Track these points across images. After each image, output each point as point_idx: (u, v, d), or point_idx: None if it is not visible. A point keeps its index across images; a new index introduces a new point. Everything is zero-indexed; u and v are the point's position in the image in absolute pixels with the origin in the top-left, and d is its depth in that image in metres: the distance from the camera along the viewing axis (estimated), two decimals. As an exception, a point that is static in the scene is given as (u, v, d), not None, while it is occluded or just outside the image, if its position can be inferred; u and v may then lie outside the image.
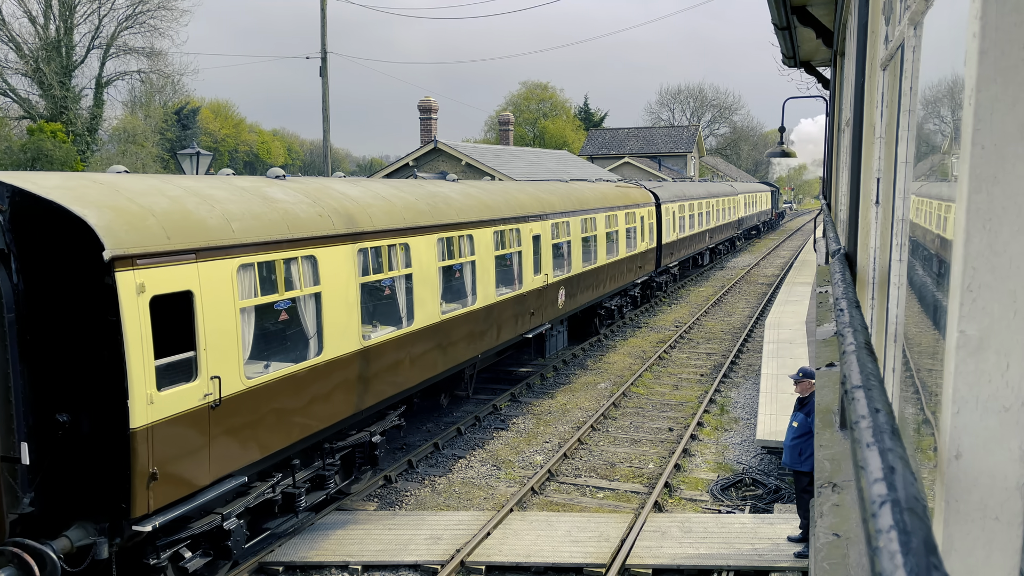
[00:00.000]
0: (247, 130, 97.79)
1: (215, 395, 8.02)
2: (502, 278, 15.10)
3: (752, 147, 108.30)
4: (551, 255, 17.12)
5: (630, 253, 23.42)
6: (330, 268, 9.79)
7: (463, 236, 13.21)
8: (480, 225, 13.82)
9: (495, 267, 14.34)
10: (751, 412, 15.49)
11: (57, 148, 37.86)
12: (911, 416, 2.56)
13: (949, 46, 1.96)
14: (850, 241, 4.79)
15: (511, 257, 15.42)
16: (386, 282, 11.36)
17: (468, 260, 13.51)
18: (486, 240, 14.01)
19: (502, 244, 14.83)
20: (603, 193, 21.58)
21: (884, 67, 3.61)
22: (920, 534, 1.03)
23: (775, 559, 9.31)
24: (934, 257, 2.19)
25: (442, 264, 12.49)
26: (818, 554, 2.65)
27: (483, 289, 13.88)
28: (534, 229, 16.20)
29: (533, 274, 16.11)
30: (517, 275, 15.58)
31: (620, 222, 22.35)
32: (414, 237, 11.65)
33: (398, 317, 11.69)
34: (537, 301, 16.45)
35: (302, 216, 9.50)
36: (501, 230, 14.70)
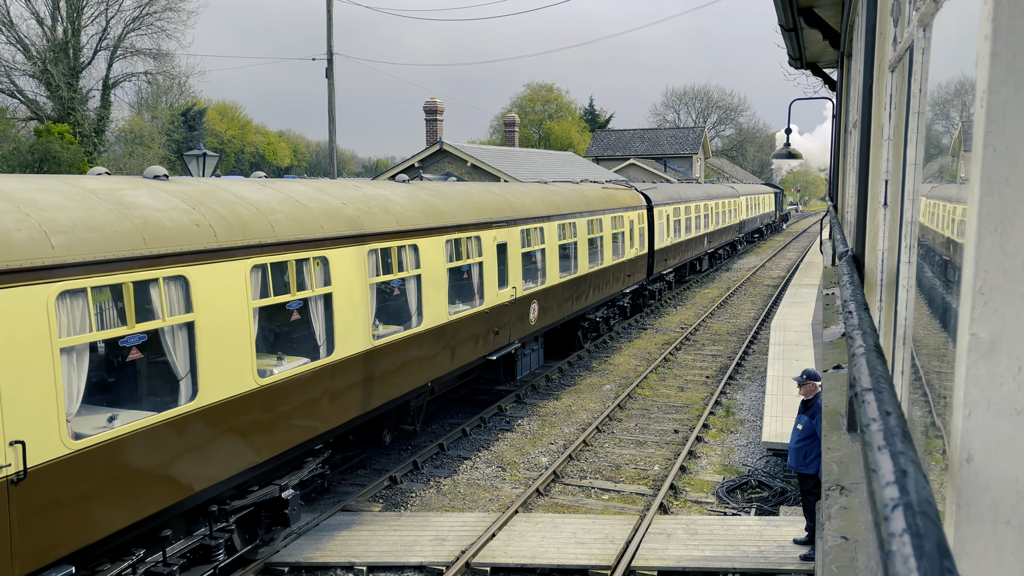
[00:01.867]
0: (253, 131, 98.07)
1: (16, 466, 6.15)
2: (458, 293, 13.58)
3: (758, 148, 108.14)
4: (520, 265, 15.34)
5: (617, 260, 21.66)
6: (209, 290, 7.92)
7: (406, 246, 11.41)
8: (429, 233, 11.97)
9: (449, 281, 12.59)
10: (757, 414, 15.46)
11: (64, 149, 38.01)
12: (920, 419, 2.55)
13: (959, 48, 1.96)
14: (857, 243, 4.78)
15: (469, 269, 13.66)
16: (294, 304, 9.42)
17: (412, 274, 11.63)
18: (436, 250, 12.18)
19: (457, 254, 13.04)
20: (586, 196, 19.92)
21: (892, 69, 3.60)
22: (933, 538, 1.02)
23: (781, 562, 9.28)
24: (944, 259, 2.18)
25: (376, 280, 10.76)
26: (826, 556, 2.64)
27: (433, 307, 12.08)
28: (499, 236, 14.38)
29: (498, 287, 14.33)
30: (477, 289, 13.80)
31: (606, 227, 20.62)
32: (336, 249, 9.86)
33: (312, 346, 9.89)
34: (503, 317, 14.65)
35: (169, 226, 7.63)
36: (456, 238, 12.88)
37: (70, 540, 6.67)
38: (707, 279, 36.62)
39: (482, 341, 13.96)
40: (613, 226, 21.25)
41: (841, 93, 11.65)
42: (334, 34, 29.68)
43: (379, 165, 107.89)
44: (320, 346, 9.82)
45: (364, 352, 10.49)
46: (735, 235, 44.69)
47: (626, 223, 22.49)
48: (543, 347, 17.52)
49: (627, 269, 22.74)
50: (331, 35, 29.57)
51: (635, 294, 25.23)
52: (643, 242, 24.29)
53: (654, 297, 27.50)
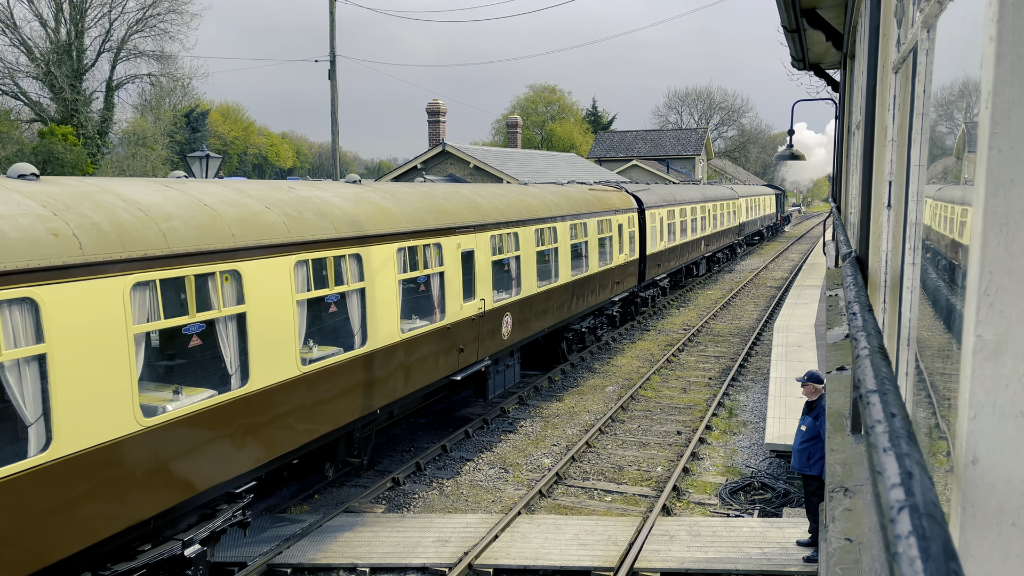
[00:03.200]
0: (256, 133, 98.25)
1: None
2: (414, 308, 12.39)
3: (761, 150, 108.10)
4: (491, 274, 13.96)
5: (604, 267, 20.31)
6: (69, 314, 6.53)
7: (346, 256, 10.05)
8: (376, 240, 10.62)
9: (402, 295, 11.29)
10: (760, 416, 15.44)
11: (68, 151, 38.11)
12: (924, 421, 2.55)
13: (963, 49, 1.96)
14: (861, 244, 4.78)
15: (427, 280, 12.31)
16: (193, 328, 8.01)
17: (354, 288, 10.26)
18: (386, 260, 10.84)
19: (412, 264, 11.65)
20: (569, 198, 18.51)
21: (896, 70, 3.60)
22: (939, 540, 1.02)
23: (784, 563, 9.27)
24: (948, 261, 2.18)
25: (306, 296, 9.42)
26: (830, 558, 2.63)
27: (381, 325, 10.76)
28: (464, 243, 12.97)
29: (462, 300, 12.96)
30: (437, 303, 12.40)
31: (591, 231, 19.27)
32: (252, 261, 8.47)
33: (220, 376, 8.60)
34: (469, 333, 13.28)
35: (12, 236, 6.22)
36: (411, 246, 11.48)
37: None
38: (710, 281, 36.59)
39: (444, 360, 12.54)
40: (600, 230, 19.98)
41: (844, 94, 11.65)
42: (337, 35, 29.71)
43: (382, 166, 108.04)
44: (232, 375, 8.41)
45: (290, 380, 9.08)
46: (734, 238, 43.45)
47: (614, 227, 21.19)
48: (520, 362, 16.05)
49: (616, 276, 21.43)
50: (334, 37, 29.61)
51: (626, 302, 24.06)
52: (633, 247, 23.07)
53: (647, 304, 26.43)
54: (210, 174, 16.51)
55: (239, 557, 9.79)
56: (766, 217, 59.37)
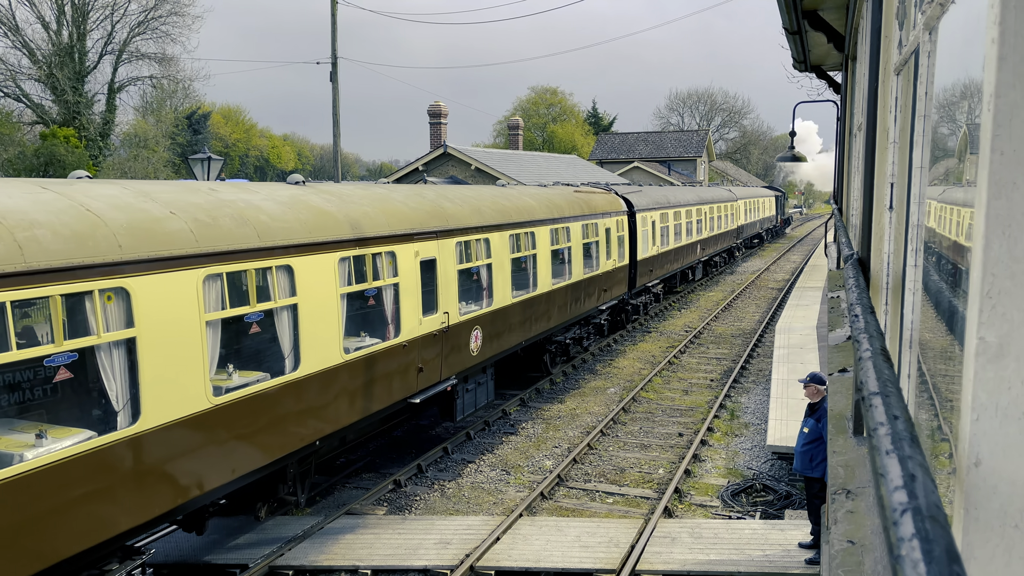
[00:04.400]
0: (258, 135, 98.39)
1: None
2: (362, 324, 11.27)
3: (762, 151, 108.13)
4: (456, 285, 12.79)
5: (590, 274, 19.06)
6: None
7: (272, 268, 8.83)
8: (312, 249, 9.41)
9: (346, 310, 10.14)
10: (761, 417, 15.43)
11: (70, 153, 38.17)
12: (926, 423, 2.55)
13: (966, 51, 1.96)
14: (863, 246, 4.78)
15: (379, 293, 11.04)
16: (59, 359, 6.68)
17: (284, 304, 9.03)
18: (324, 271, 9.63)
19: (359, 275, 10.51)
20: (549, 201, 17.29)
21: (898, 72, 3.60)
22: (942, 542, 1.02)
23: (786, 565, 9.26)
24: (950, 263, 2.18)
25: (219, 315, 8.13)
26: (832, 561, 2.63)
27: (318, 345, 9.55)
28: (424, 251, 11.78)
29: (421, 314, 11.72)
30: (391, 317, 11.17)
31: (575, 236, 18.04)
32: (144, 276, 7.24)
33: (102, 413, 7.63)
34: (430, 350, 12.07)
35: None
36: (358, 255, 10.31)
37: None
38: (711, 283, 36.58)
39: (399, 381, 11.34)
40: (585, 235, 18.75)
41: (846, 96, 11.65)
42: (338, 37, 29.75)
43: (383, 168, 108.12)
44: (118, 411, 7.17)
45: (198, 414, 7.86)
46: (732, 241, 42.16)
47: (601, 231, 19.97)
48: (494, 378, 14.85)
49: (603, 283, 20.23)
50: (335, 39, 29.66)
51: (616, 310, 22.99)
52: (623, 252, 21.87)
53: (638, 312, 25.17)
54: (212, 176, 16.53)
55: (241, 559, 9.79)
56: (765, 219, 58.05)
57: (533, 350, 17.39)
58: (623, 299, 22.68)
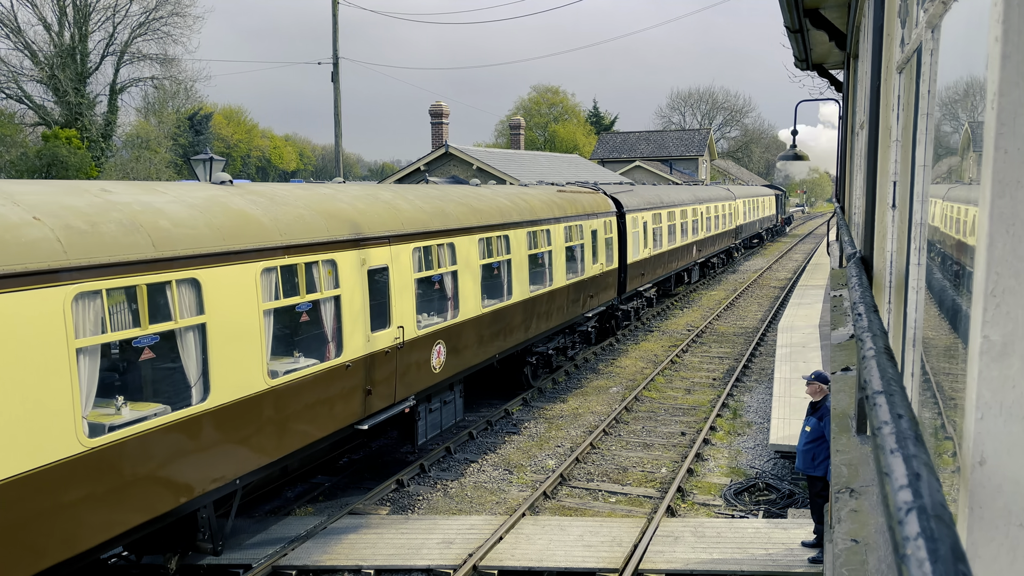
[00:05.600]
0: (259, 135, 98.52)
1: None
2: (295, 343, 10.32)
3: (764, 150, 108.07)
4: (414, 295, 11.56)
5: (573, 279, 17.81)
6: None
7: (171, 282, 7.57)
8: (226, 259, 8.18)
9: (273, 327, 9.02)
10: (764, 416, 15.42)
11: (72, 154, 38.22)
12: (930, 421, 2.55)
13: (968, 49, 1.95)
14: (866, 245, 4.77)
15: (316, 307, 9.81)
16: None
17: (188, 324, 7.78)
18: (241, 284, 8.39)
19: (290, 288, 9.30)
20: (528, 201, 16.03)
21: (900, 70, 3.60)
22: (947, 541, 1.02)
23: (789, 564, 9.26)
24: (954, 262, 2.18)
25: (94, 341, 6.95)
26: (836, 560, 2.63)
27: (233, 370, 8.29)
28: (372, 258, 10.61)
29: (369, 330, 10.52)
30: (332, 334, 9.98)
31: (556, 239, 16.83)
32: (10, 293, 6.20)
33: None
34: (381, 369, 10.85)
35: None
36: (287, 265, 9.11)
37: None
38: (713, 282, 36.55)
39: (342, 406, 10.14)
40: (568, 237, 17.57)
41: (848, 94, 11.63)
42: (339, 37, 29.77)
43: (385, 169, 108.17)
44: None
45: (67, 460, 6.63)
46: (730, 242, 40.82)
47: (586, 233, 18.72)
48: (462, 396, 13.73)
49: (589, 288, 19.01)
50: (337, 39, 29.67)
51: (605, 316, 21.87)
52: (611, 255, 20.68)
53: (629, 318, 23.73)
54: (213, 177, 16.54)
55: (244, 559, 9.80)
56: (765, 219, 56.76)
57: (512, 362, 16.32)
58: (613, 304, 21.63)
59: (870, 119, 4.72)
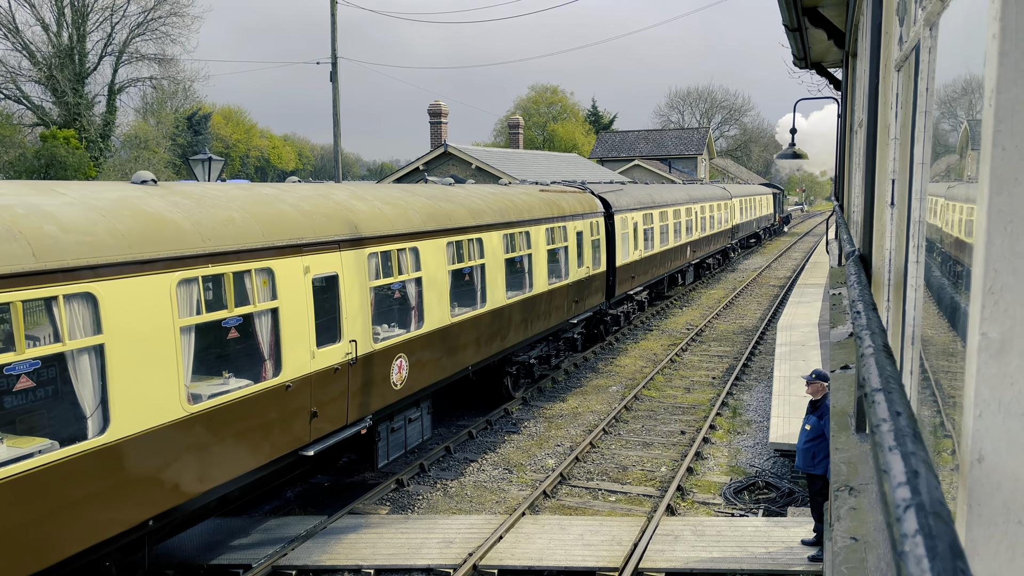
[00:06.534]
0: (258, 135, 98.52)
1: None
2: (222, 362, 9.50)
3: (763, 148, 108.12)
4: (369, 306, 10.59)
5: (556, 284, 16.87)
6: None
7: (58, 298, 6.60)
8: (131, 269, 7.16)
9: (190, 347, 7.88)
10: (763, 415, 15.43)
11: (70, 154, 38.20)
12: (929, 419, 2.55)
13: (966, 47, 1.96)
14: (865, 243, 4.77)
15: (247, 323, 8.79)
16: None
17: (82, 346, 6.80)
18: (150, 298, 7.36)
19: (215, 301, 8.47)
20: (506, 202, 15.05)
21: (899, 68, 3.60)
22: (946, 538, 1.02)
23: (789, 563, 9.26)
24: (952, 259, 2.18)
25: None
26: (836, 558, 2.63)
27: (141, 398, 7.25)
28: (317, 266, 9.61)
29: (314, 345, 9.51)
30: (268, 352, 8.91)
31: (537, 242, 15.87)
32: None
33: None
34: (330, 388, 9.84)
35: None
36: (210, 275, 8.09)
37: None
38: (712, 281, 36.56)
39: (283, 431, 9.13)
40: (550, 240, 16.63)
41: (846, 93, 11.64)
42: (338, 37, 29.76)
43: (384, 168, 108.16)
44: None
45: None
46: (726, 242, 39.70)
47: (570, 235, 17.73)
48: (430, 412, 12.77)
49: (574, 293, 17.98)
50: (335, 39, 29.65)
51: (593, 322, 21.04)
52: (599, 258, 19.79)
53: (619, 323, 22.87)
54: (213, 177, 16.55)
55: (244, 560, 9.80)
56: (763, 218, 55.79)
57: (490, 373, 15.47)
58: (601, 309, 20.73)
59: (869, 117, 4.72)
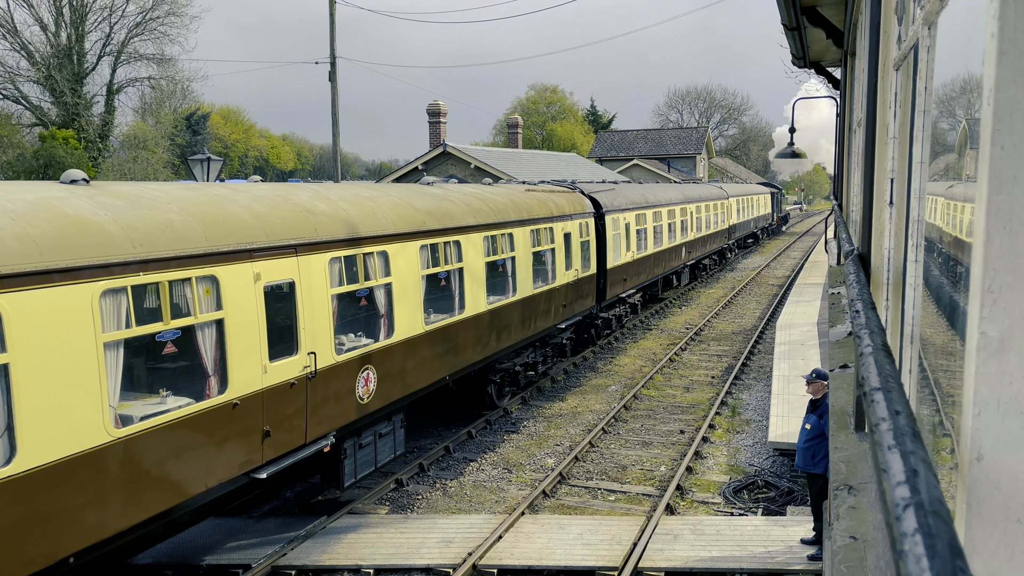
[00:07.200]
0: (257, 135, 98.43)
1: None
2: (162, 380, 8.67)
3: (761, 148, 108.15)
4: (331, 315, 9.85)
5: (542, 288, 16.12)
6: None
7: None
8: (39, 280, 6.44)
9: (117, 365, 7.13)
10: (763, 414, 15.44)
11: (69, 155, 38.17)
12: (928, 418, 2.55)
13: (965, 46, 1.96)
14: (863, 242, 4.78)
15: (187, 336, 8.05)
16: None
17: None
18: (72, 312, 6.71)
19: (148, 314, 7.74)
20: (485, 202, 14.24)
21: (897, 67, 3.60)
22: (945, 537, 1.02)
23: (788, 562, 9.27)
24: (951, 258, 2.18)
25: None
26: (835, 556, 2.64)
27: (57, 423, 6.54)
28: (269, 272, 8.84)
29: (267, 358, 8.78)
30: (213, 367, 8.18)
31: (520, 244, 15.09)
32: None
33: None
34: (285, 405, 9.08)
35: None
36: (141, 285, 7.36)
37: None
38: (712, 280, 36.57)
39: (229, 454, 8.36)
40: (535, 242, 15.85)
41: (845, 92, 11.64)
42: (337, 36, 29.74)
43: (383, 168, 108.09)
44: None
45: None
46: (723, 242, 38.92)
47: (558, 237, 16.97)
48: (403, 426, 12.00)
49: (561, 297, 17.22)
50: (334, 39, 29.64)
51: (583, 325, 20.36)
52: (588, 260, 19.01)
53: (610, 327, 22.23)
54: (211, 177, 16.54)
55: (243, 559, 9.80)
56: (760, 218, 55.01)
57: (472, 382, 14.92)
58: (591, 313, 19.96)
59: (867, 116, 4.72)
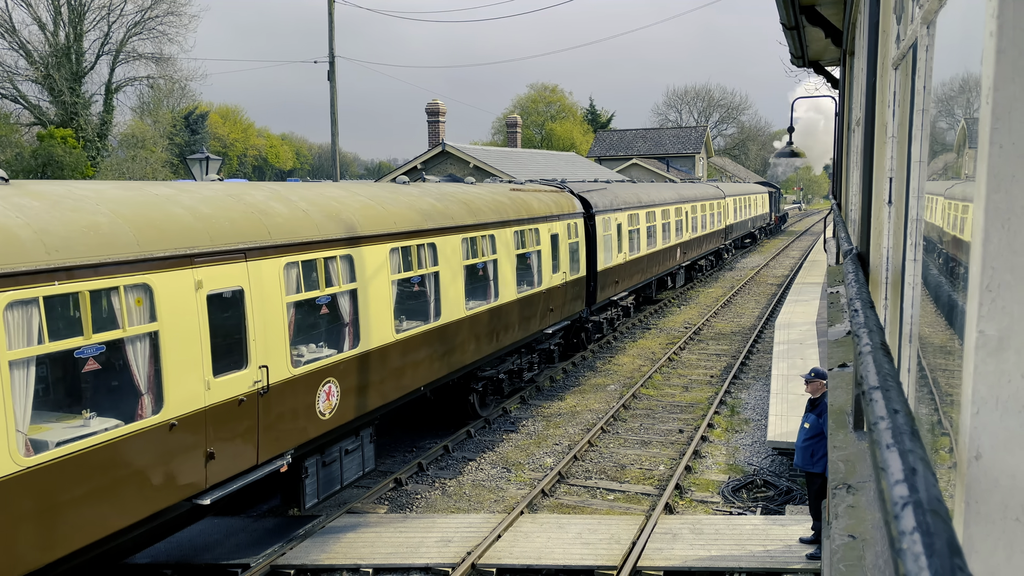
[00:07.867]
0: (256, 134, 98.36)
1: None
2: (87, 399, 8.04)
3: (760, 147, 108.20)
4: (286, 325, 9.11)
5: (527, 292, 15.50)
6: None
7: None
8: None
9: (32, 381, 6.52)
10: (762, 413, 15.44)
11: (67, 154, 38.13)
12: (926, 417, 2.55)
13: (964, 45, 1.96)
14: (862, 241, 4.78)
15: (116, 351, 7.40)
16: None
17: None
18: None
19: (68, 327, 7.18)
20: (464, 202, 13.55)
21: (896, 66, 3.60)
22: (944, 536, 1.02)
23: (787, 561, 9.27)
24: (950, 257, 2.18)
25: None
26: (833, 555, 2.64)
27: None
28: (214, 279, 8.12)
29: (210, 373, 8.05)
30: (147, 384, 7.44)
31: (503, 246, 14.46)
32: None
33: None
34: (232, 424, 8.39)
35: None
36: (60, 294, 6.66)
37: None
38: (711, 279, 36.57)
39: (167, 479, 7.64)
40: (520, 244, 15.21)
41: (844, 91, 11.64)
42: (335, 35, 29.72)
43: (382, 167, 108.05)
44: None
45: None
46: (720, 242, 38.26)
47: (544, 238, 16.26)
48: (373, 440, 11.40)
49: (548, 301, 16.57)
50: (333, 38, 29.62)
51: (572, 329, 19.72)
52: (577, 262, 18.32)
53: (601, 330, 21.51)
54: (210, 176, 16.53)
55: (242, 559, 9.79)
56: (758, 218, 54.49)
57: (452, 391, 14.33)
58: (581, 317, 19.29)
59: (866, 116, 4.72)
